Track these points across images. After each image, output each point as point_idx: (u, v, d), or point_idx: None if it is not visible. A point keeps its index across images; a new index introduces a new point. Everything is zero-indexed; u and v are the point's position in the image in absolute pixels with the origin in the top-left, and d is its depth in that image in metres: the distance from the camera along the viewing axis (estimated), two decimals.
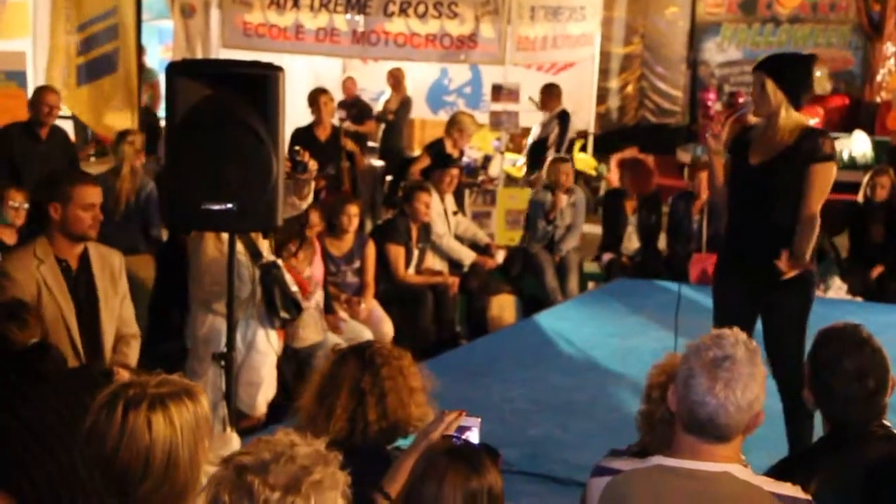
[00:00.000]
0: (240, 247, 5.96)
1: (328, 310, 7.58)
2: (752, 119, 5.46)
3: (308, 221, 7.30)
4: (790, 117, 5.24)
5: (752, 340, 2.80)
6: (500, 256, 9.66)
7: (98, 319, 5.04)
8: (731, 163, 5.45)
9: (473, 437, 3.11)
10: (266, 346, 6.38)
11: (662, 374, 3.50)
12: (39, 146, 8.64)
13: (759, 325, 5.40)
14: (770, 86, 5.21)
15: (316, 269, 7.42)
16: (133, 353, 5.23)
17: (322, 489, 2.17)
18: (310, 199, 5.48)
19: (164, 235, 8.35)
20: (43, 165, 8.07)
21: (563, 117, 12.00)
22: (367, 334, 7.38)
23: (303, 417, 3.51)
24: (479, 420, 3.15)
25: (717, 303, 5.53)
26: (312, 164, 5.25)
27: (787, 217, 5.24)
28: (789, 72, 5.29)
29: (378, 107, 13.90)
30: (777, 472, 3.20)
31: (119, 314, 5.17)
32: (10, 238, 6.81)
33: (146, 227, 8.30)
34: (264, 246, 6.34)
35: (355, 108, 13.61)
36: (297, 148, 5.25)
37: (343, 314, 7.63)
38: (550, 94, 12.16)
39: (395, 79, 13.67)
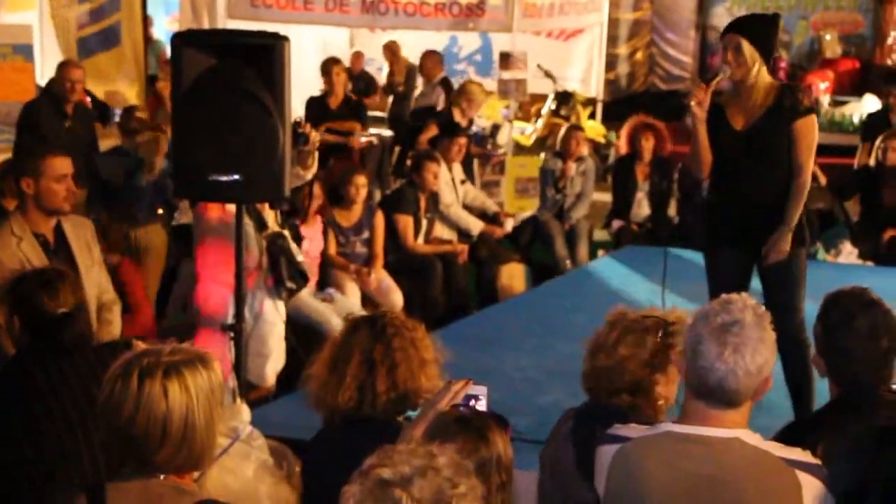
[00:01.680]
0: (245, 217, 5.95)
1: (321, 286, 7.57)
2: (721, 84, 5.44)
3: (311, 192, 7.30)
4: (763, 76, 5.24)
5: (760, 305, 2.78)
6: (510, 225, 9.64)
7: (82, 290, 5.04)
8: (710, 130, 5.40)
9: (481, 405, 3.10)
10: (274, 316, 6.38)
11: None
12: (66, 122, 8.66)
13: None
14: (746, 46, 5.20)
15: (313, 246, 7.44)
16: (116, 318, 5.24)
17: (467, 502, 2.10)
18: (314, 169, 5.47)
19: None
20: (70, 141, 8.05)
21: (445, 83, 11.99)
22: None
23: (313, 385, 3.51)
24: (486, 388, 3.14)
25: (712, 270, 5.55)
26: (314, 136, 5.24)
27: (776, 177, 5.24)
28: (761, 31, 5.29)
29: (381, 80, 13.87)
30: (784, 436, 3.20)
31: (98, 282, 5.16)
32: None
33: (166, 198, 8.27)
34: (270, 217, 6.34)
35: (362, 80, 13.59)
36: (297, 119, 5.23)
37: (333, 290, 7.61)
38: (433, 62, 12.10)
39: (391, 51, 13.63)
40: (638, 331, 3.49)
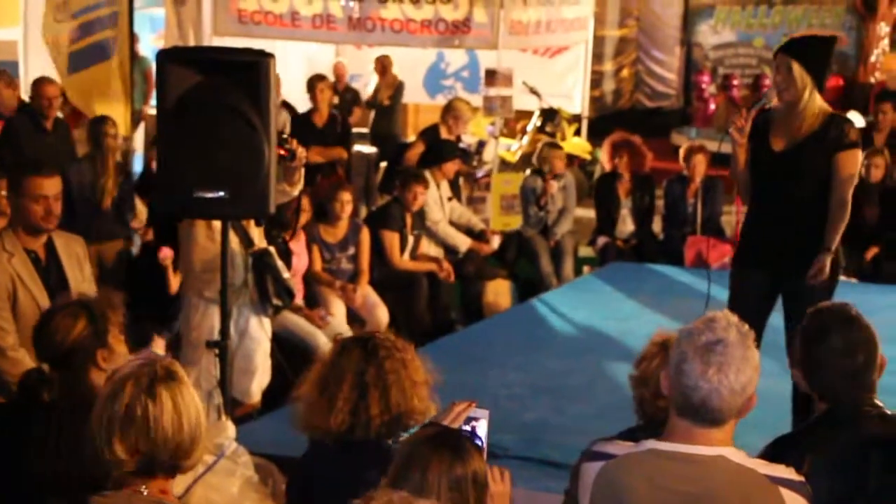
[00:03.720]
0: (231, 234, 5.95)
1: (310, 304, 7.57)
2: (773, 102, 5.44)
3: (299, 207, 7.30)
4: (814, 102, 5.22)
5: (743, 324, 2.79)
6: (496, 242, 9.65)
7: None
8: (751, 149, 5.39)
9: (482, 428, 3.09)
10: (259, 333, 6.37)
11: (654, 346, 3.57)
12: (47, 138, 8.64)
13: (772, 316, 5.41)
14: (797, 69, 5.16)
15: (300, 261, 7.44)
16: None
17: None
18: (300, 185, 5.47)
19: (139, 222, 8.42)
20: (51, 157, 8.04)
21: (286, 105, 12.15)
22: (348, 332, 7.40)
23: (302, 407, 3.46)
24: (488, 412, 3.12)
25: (735, 289, 5.50)
26: (301, 152, 5.24)
27: (811, 203, 5.23)
28: (815, 54, 5.25)
29: (368, 93, 13.88)
30: (770, 451, 3.20)
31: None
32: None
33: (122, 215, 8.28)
34: (256, 233, 6.33)
35: (349, 93, 13.62)
36: (284, 136, 5.23)
37: (324, 312, 7.61)
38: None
39: (382, 65, 13.65)
40: None
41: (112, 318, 3.75)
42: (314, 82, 10.18)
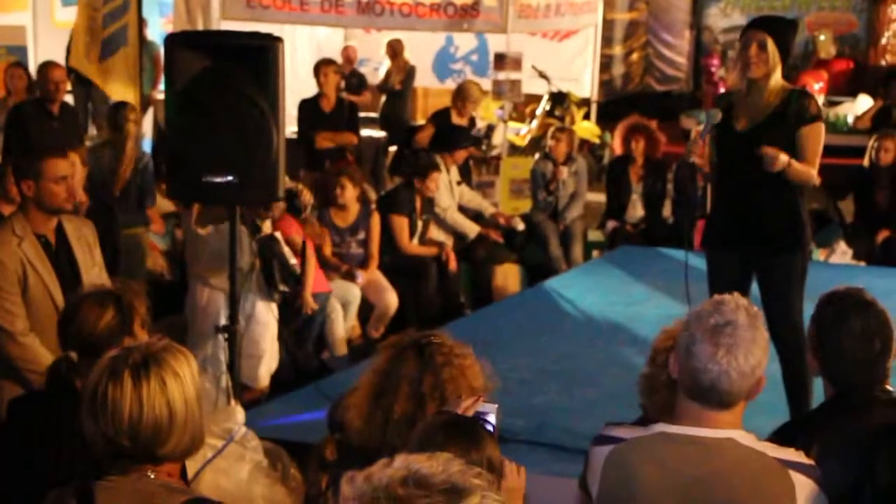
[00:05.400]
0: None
1: None
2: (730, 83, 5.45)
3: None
4: (778, 80, 5.21)
5: (752, 305, 2.78)
6: (521, 225, 9.61)
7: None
8: (714, 130, 5.38)
9: (490, 424, 3.06)
10: (266, 317, 6.38)
11: (669, 339, 3.44)
12: (53, 123, 8.64)
13: (755, 292, 5.39)
14: (771, 46, 5.15)
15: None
16: None
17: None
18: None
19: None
20: (58, 142, 8.03)
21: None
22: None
23: (355, 416, 3.22)
24: (497, 406, 3.08)
25: (712, 271, 5.51)
26: (307, 197, 5.24)
27: (775, 180, 5.21)
28: (784, 34, 5.26)
29: (375, 79, 13.86)
30: (779, 436, 3.19)
31: (99, 283, 5.14)
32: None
33: (142, 200, 8.28)
34: (265, 223, 6.34)
35: (354, 77, 13.59)
36: (294, 188, 5.24)
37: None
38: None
39: (394, 50, 13.63)
40: None
41: (137, 308, 3.76)
42: (320, 67, 10.15)
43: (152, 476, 2.64)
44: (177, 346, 2.74)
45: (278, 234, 6.42)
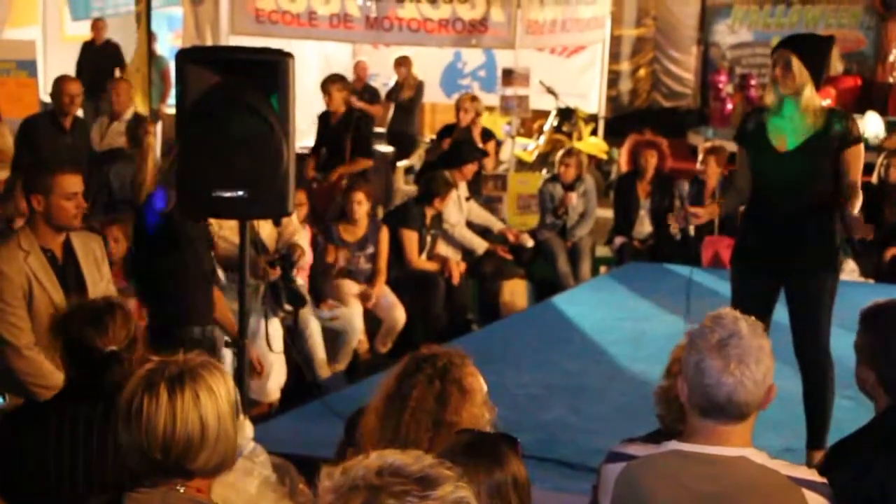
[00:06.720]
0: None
1: (317, 301, 7.51)
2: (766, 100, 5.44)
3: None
4: (813, 98, 5.20)
5: (749, 316, 2.79)
6: (530, 241, 9.59)
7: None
8: (749, 150, 5.40)
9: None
10: (272, 332, 6.38)
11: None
12: (65, 137, 8.63)
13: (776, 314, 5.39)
14: (797, 64, 5.15)
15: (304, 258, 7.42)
16: None
17: None
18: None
19: None
20: (70, 157, 8.04)
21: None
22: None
23: (369, 439, 3.20)
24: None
25: (738, 290, 5.48)
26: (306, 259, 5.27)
27: (813, 202, 5.22)
28: (814, 51, 5.25)
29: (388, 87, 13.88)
30: (838, 451, 3.21)
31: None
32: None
33: None
34: (270, 238, 6.34)
35: (367, 93, 13.61)
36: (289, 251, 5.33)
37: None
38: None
39: (403, 67, 13.67)
40: None
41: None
42: (327, 84, 10.11)
43: (181, 490, 2.65)
44: (213, 362, 2.75)
45: (285, 254, 6.42)
